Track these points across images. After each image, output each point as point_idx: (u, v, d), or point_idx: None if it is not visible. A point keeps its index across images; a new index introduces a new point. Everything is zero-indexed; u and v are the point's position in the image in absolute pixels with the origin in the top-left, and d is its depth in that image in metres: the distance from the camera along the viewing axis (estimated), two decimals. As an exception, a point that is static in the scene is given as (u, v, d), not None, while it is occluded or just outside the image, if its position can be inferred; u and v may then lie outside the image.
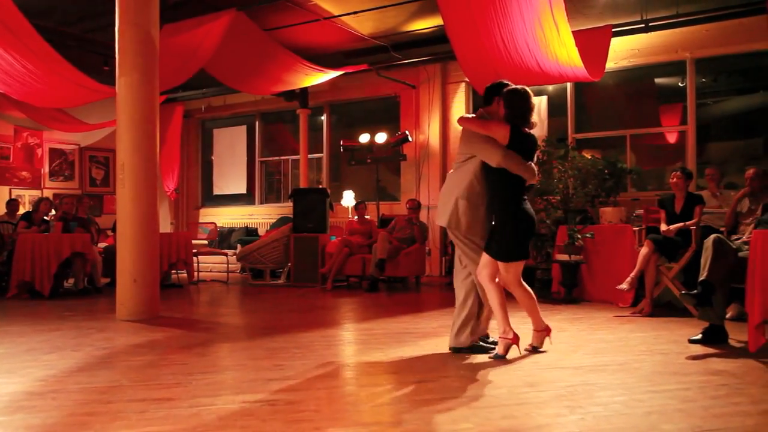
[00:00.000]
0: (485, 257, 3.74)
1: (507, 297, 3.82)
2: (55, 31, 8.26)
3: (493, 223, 3.79)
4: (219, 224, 11.72)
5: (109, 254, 7.83)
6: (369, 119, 11.24)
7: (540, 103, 9.26)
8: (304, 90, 10.95)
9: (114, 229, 6.45)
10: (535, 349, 3.97)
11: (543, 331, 4.02)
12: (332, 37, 9.26)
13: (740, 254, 4.28)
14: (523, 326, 4.19)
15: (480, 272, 3.75)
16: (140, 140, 5.55)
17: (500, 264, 3.72)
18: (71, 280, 8.04)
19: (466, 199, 3.78)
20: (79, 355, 3.98)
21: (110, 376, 3.43)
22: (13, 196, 10.24)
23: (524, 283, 3.91)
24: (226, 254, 9.65)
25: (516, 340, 3.79)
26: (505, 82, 3.92)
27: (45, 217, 8.16)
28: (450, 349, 3.92)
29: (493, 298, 3.75)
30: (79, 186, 11.86)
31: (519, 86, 3.80)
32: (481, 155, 3.77)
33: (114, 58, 5.68)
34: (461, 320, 3.87)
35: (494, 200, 3.78)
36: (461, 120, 3.90)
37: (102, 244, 8.98)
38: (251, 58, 8.50)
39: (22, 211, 9.08)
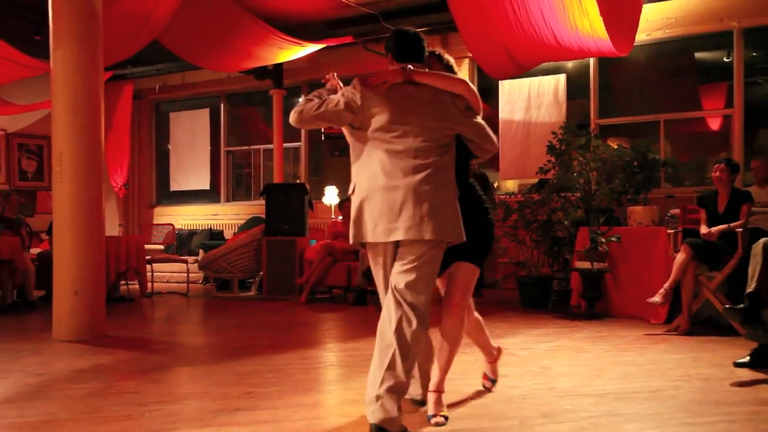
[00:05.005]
0: (472, 275, 3.27)
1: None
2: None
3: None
4: (177, 226, 11.66)
5: (44, 262, 7.77)
6: (355, 101, 11.26)
7: (557, 84, 9.30)
8: (279, 67, 10.92)
9: (50, 232, 6.41)
10: (493, 383, 3.76)
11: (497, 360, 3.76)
12: (311, 4, 9.24)
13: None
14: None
15: (466, 299, 3.31)
16: (81, 125, 5.51)
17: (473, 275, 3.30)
18: (-2, 293, 7.98)
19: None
20: (8, 383, 3.95)
21: (45, 408, 3.40)
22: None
23: None
24: (185, 262, 9.60)
25: None
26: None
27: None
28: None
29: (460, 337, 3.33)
30: (6, 180, 11.76)
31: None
32: (482, 136, 3.20)
33: (47, 25, 5.62)
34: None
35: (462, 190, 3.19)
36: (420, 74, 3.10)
37: (35, 250, 8.90)
38: (215, 29, 8.46)
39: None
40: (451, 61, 3.36)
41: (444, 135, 3.07)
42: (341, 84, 3.26)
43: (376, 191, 3.01)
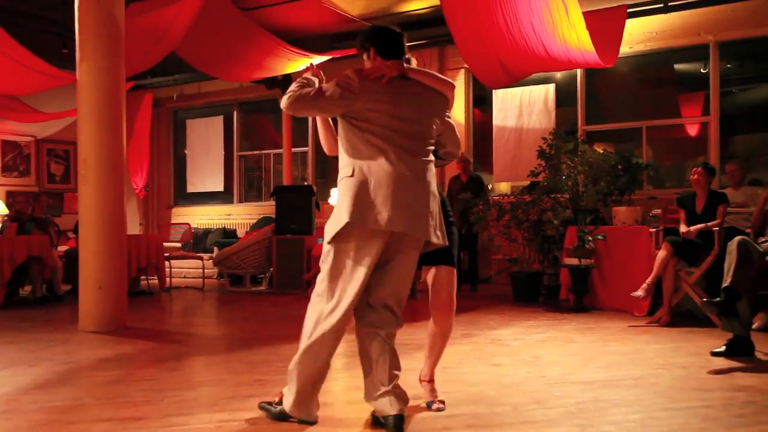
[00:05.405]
0: (453, 277, 3.07)
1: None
2: (5, 9, 8.17)
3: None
4: (193, 225, 11.66)
5: (71, 258, 7.79)
6: (359, 109, 11.25)
7: (547, 92, 9.30)
8: (287, 77, 10.89)
9: (76, 231, 6.41)
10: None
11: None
12: (318, 18, 9.24)
13: None
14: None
15: (452, 302, 3.08)
16: (105, 132, 5.53)
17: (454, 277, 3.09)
18: (28, 288, 7.99)
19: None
20: (37, 371, 3.96)
21: (72, 394, 3.41)
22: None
23: None
24: (201, 258, 9.61)
25: None
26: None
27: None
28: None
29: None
30: (35, 182, 11.78)
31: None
32: (454, 140, 3.06)
33: (74, 39, 5.65)
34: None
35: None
36: (416, 72, 2.88)
37: (62, 248, 8.92)
38: (228, 41, 8.47)
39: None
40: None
41: (433, 133, 2.85)
42: (322, 74, 3.05)
43: (382, 179, 2.67)
